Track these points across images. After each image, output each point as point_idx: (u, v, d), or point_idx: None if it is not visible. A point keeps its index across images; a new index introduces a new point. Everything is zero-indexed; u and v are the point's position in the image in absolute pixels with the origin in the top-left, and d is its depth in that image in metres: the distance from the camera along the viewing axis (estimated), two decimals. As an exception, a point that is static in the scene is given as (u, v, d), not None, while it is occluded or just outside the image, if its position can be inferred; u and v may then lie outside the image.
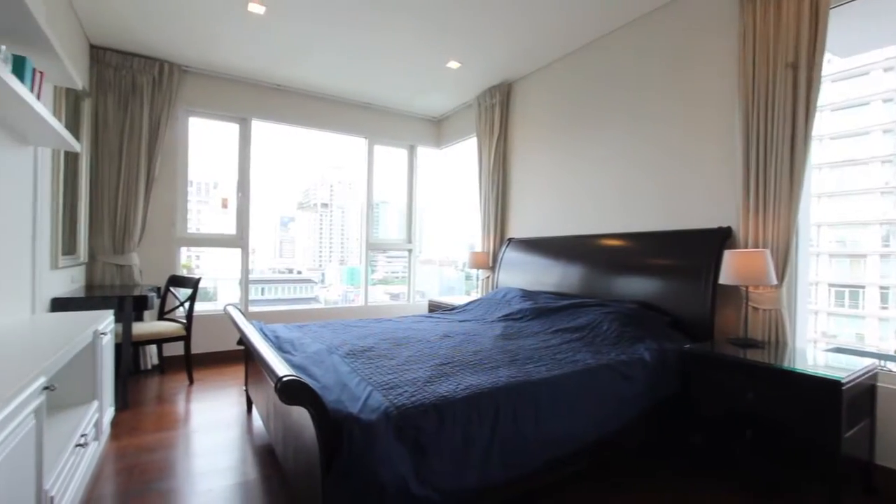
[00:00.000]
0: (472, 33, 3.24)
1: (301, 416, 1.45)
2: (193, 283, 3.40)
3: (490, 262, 4.22)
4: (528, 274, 3.70)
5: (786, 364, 1.87)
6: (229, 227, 4.26)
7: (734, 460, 2.02)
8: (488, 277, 4.30)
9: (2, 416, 1.04)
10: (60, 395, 1.99)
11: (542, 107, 3.85)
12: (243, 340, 2.06)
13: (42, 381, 1.30)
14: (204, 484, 2.02)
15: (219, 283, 4.80)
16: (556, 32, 3.23)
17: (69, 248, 3.00)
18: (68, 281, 3.07)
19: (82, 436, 1.81)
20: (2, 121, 1.86)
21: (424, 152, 5.38)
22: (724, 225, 2.49)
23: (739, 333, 2.31)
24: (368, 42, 3.41)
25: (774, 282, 2.11)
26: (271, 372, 1.34)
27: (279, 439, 1.94)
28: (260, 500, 1.91)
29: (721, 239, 2.45)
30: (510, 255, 3.97)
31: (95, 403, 2.09)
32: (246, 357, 2.81)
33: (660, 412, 2.15)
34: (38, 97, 1.83)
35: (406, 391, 1.58)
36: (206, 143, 4.17)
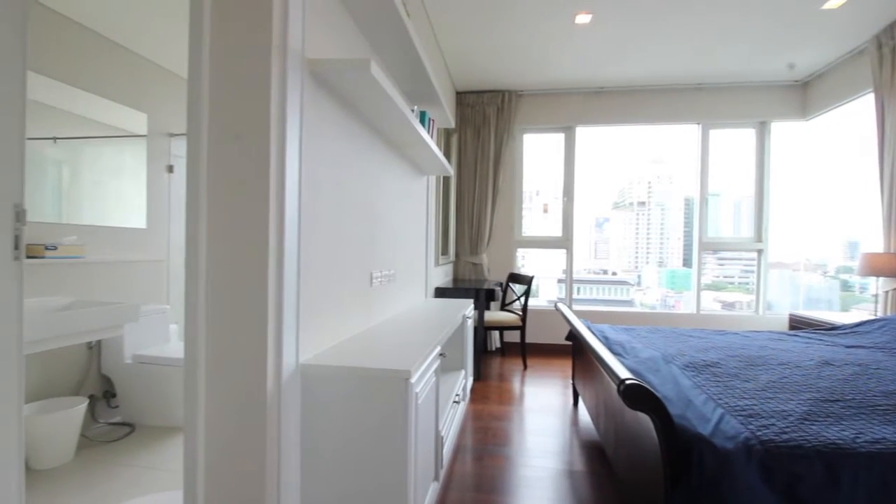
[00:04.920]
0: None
1: (639, 422, 1.40)
2: (528, 281, 3.87)
3: (899, 268, 2.96)
4: None
5: None
6: (551, 230, 4.64)
7: None
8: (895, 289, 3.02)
9: (422, 369, 1.45)
10: (443, 361, 2.63)
11: None
12: (575, 336, 2.17)
13: (438, 349, 1.75)
14: (536, 460, 2.24)
15: (540, 282, 5.29)
16: None
17: (443, 250, 3.96)
18: (443, 275, 4.05)
19: (456, 395, 2.33)
20: (412, 159, 2.63)
21: (780, 128, 4.29)
22: None
23: None
24: (708, 14, 3.00)
25: None
26: (612, 373, 1.35)
27: (609, 439, 1.94)
28: (589, 492, 1.96)
29: None
30: (943, 258, 2.66)
31: (463, 372, 2.66)
32: (573, 352, 2.96)
33: None
34: (432, 138, 2.48)
35: (774, 425, 1.28)
36: (531, 155, 4.68)
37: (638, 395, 1.19)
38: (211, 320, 1.23)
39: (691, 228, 4.60)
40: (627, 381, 1.21)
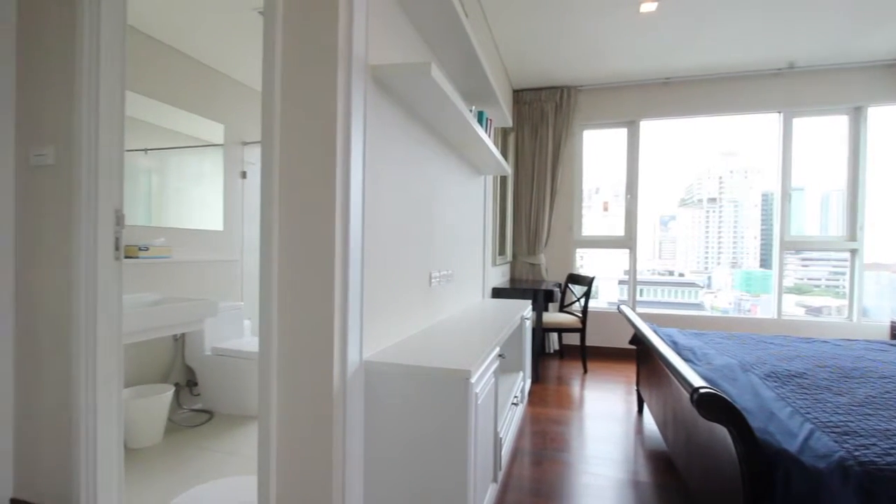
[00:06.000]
0: None
1: (713, 434, 1.31)
2: (588, 282, 3.74)
3: None
4: None
5: None
6: (612, 229, 4.45)
7: None
8: None
9: (482, 369, 1.45)
10: (501, 363, 2.61)
11: None
12: (641, 340, 2.07)
13: (497, 350, 1.74)
14: (597, 468, 2.16)
15: (600, 283, 5.10)
16: None
17: (500, 250, 3.93)
18: (500, 275, 4.02)
19: (515, 397, 2.30)
20: (469, 159, 2.63)
21: (878, 113, 3.84)
22: None
23: None
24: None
25: None
26: (684, 380, 1.27)
27: (679, 450, 1.83)
28: (656, 505, 1.86)
29: None
30: None
31: (521, 374, 2.62)
32: (638, 356, 2.83)
33: None
34: (489, 137, 2.46)
35: (875, 444, 1.15)
36: (591, 152, 4.52)
37: (714, 405, 1.11)
38: (282, 318, 1.31)
39: (770, 226, 4.23)
40: (702, 390, 1.14)
